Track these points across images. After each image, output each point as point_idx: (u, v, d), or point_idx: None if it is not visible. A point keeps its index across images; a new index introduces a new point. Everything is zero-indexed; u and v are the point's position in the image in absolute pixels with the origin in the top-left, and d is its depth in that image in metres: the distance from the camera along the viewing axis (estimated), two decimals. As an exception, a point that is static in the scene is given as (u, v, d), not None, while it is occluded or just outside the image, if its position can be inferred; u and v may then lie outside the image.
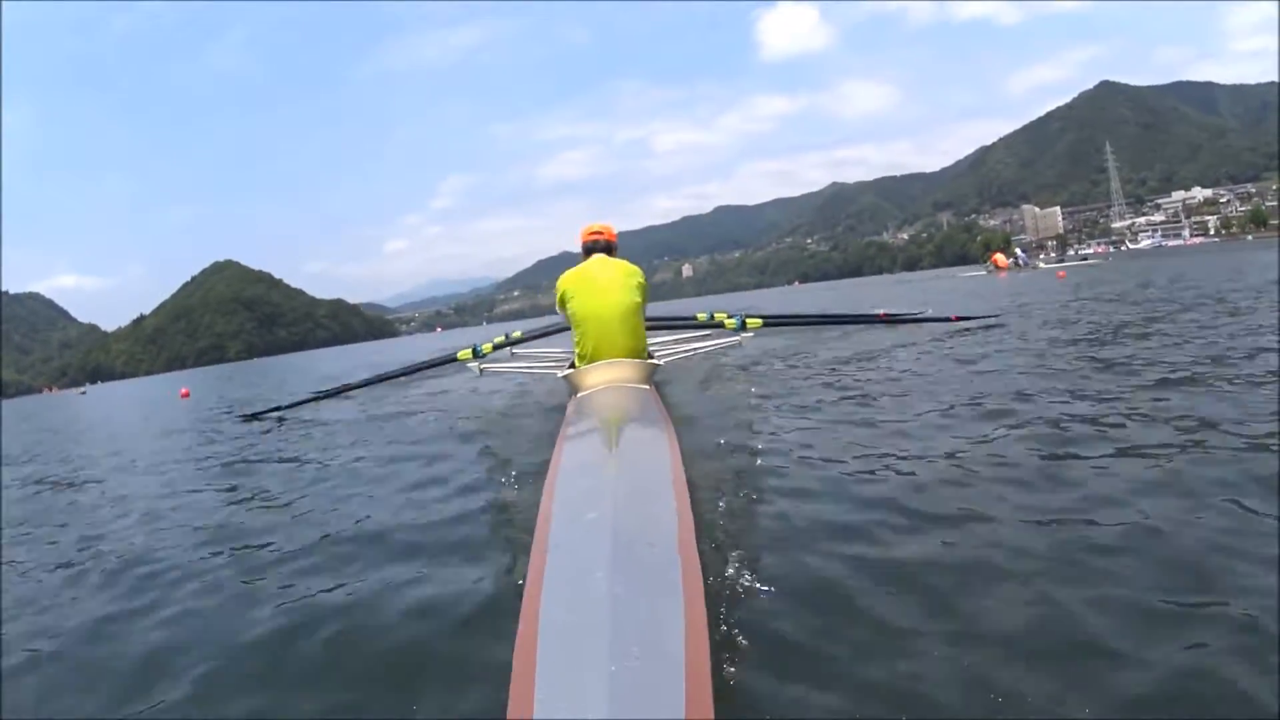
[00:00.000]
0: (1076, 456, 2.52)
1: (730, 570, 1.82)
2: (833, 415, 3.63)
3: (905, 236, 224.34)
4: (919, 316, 8.15)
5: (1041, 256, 40.33)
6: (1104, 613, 1.49)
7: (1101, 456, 2.48)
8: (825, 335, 7.77)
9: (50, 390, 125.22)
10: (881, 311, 8.29)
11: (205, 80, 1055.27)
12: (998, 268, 29.01)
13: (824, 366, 5.49)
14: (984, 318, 7.73)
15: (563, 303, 3.97)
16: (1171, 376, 3.69)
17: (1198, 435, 2.66)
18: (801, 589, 1.71)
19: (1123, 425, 2.91)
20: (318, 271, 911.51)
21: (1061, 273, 21.37)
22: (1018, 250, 36.08)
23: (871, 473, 2.58)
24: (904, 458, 2.73)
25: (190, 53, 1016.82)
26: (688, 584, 1.33)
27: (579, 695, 1.01)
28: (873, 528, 2.05)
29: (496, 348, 5.70)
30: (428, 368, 6.62)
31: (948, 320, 7.67)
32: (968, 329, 7.11)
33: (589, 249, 4.16)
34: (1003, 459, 2.58)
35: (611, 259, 4.07)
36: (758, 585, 1.73)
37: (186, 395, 15.80)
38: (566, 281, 3.97)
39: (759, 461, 2.91)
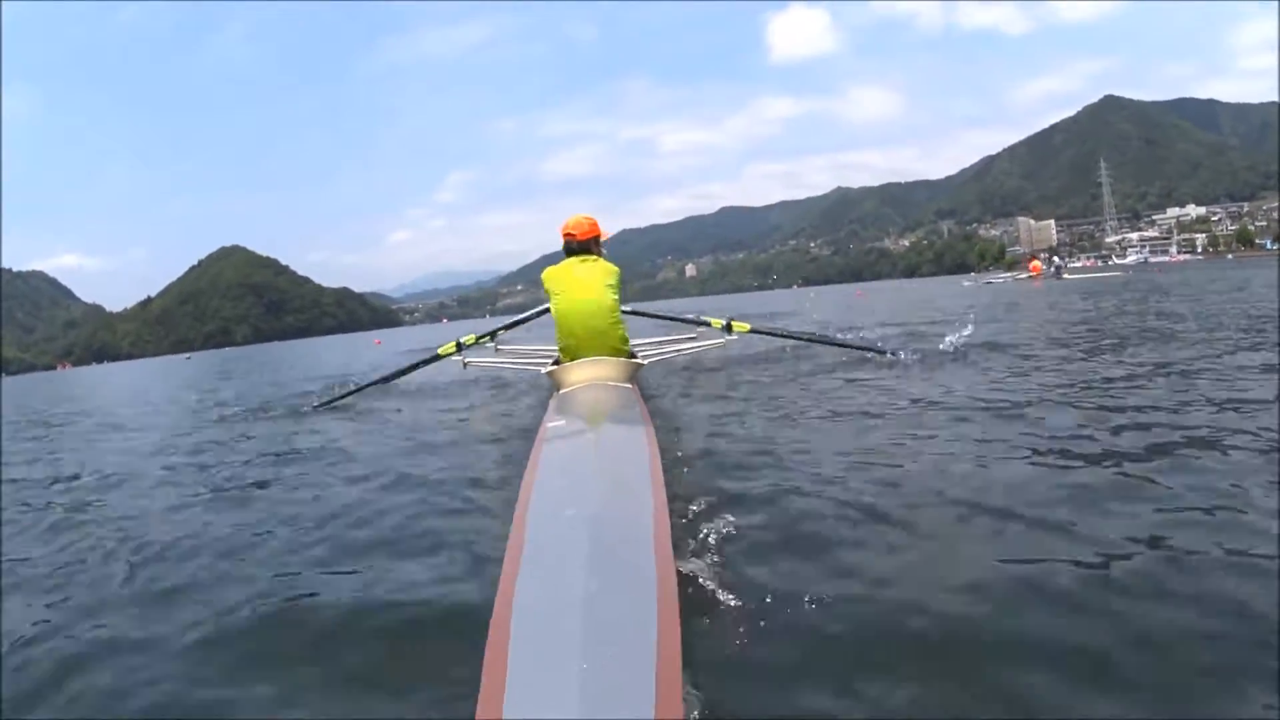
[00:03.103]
0: (1080, 473, 2.44)
1: (705, 570, 1.81)
2: (817, 421, 3.66)
3: (906, 243, 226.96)
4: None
5: (1070, 264, 41.85)
6: (1116, 633, 1.43)
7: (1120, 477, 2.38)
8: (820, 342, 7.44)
9: (64, 367, 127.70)
10: (889, 353, 6.24)
11: (210, 70, 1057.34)
12: (1033, 274, 29.88)
13: (812, 372, 5.53)
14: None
15: (548, 291, 4.11)
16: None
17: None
18: (776, 591, 1.70)
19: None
20: (320, 260, 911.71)
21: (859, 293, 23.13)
22: (1055, 258, 38.03)
23: (854, 478, 2.56)
24: (889, 464, 2.73)
25: (196, 43, 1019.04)
26: (662, 583, 1.32)
27: (549, 694, 1.01)
28: (851, 533, 2.04)
29: (480, 340, 5.60)
30: (418, 366, 6.14)
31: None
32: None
33: (567, 251, 4.16)
34: (995, 470, 2.55)
35: (590, 259, 4.09)
36: (732, 586, 1.72)
37: (379, 344, 17.94)
38: (549, 278, 4.08)
39: (739, 463, 2.90)
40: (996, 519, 2.06)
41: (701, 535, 2.07)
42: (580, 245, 4.14)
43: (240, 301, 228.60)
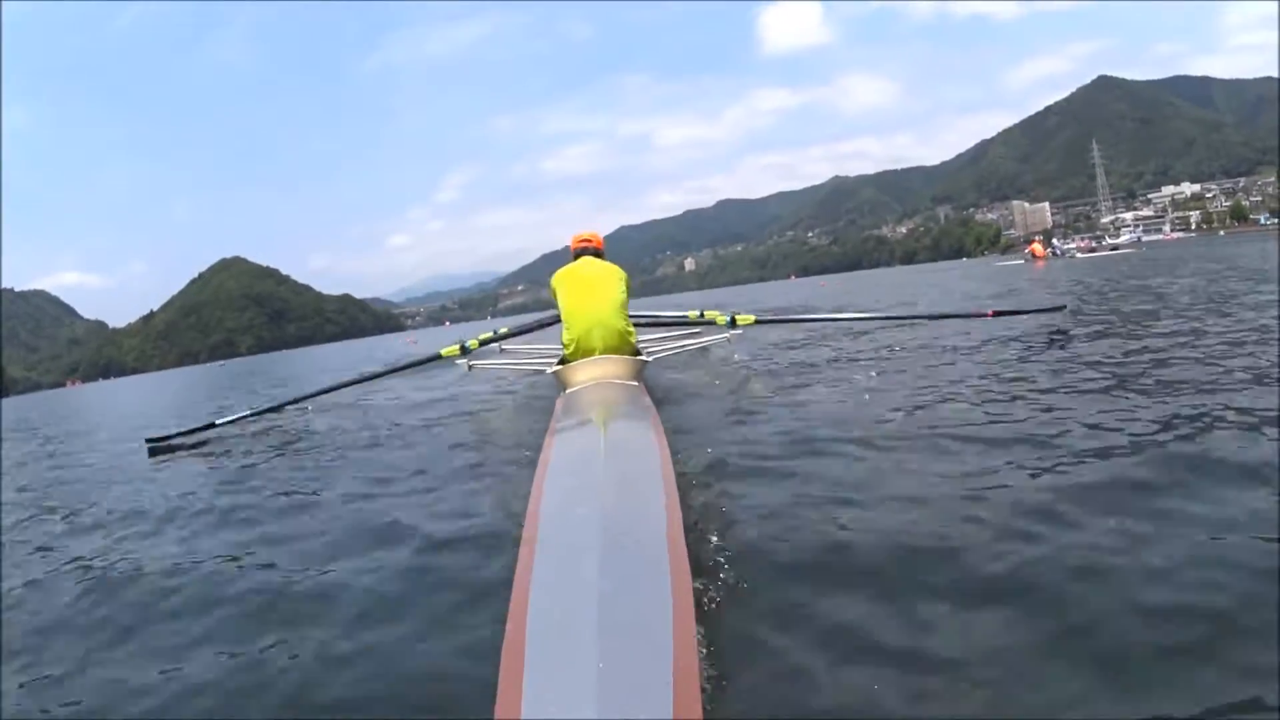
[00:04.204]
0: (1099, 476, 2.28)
1: (718, 567, 1.79)
2: (824, 414, 3.59)
3: (904, 230, 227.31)
4: (944, 313, 7.12)
5: (1075, 246, 42.29)
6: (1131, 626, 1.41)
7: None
8: (824, 332, 7.34)
9: (74, 384, 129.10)
10: (921, 314, 7.19)
11: (207, 75, 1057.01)
12: (1035, 257, 29.12)
13: (819, 365, 5.39)
14: (1040, 310, 6.13)
15: (554, 295, 4.25)
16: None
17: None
18: (789, 587, 1.69)
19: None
20: (321, 267, 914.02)
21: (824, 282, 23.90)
22: (1054, 240, 38.13)
23: (862, 473, 2.52)
24: (897, 457, 2.68)
25: (192, 48, 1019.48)
26: (676, 580, 1.32)
27: (567, 693, 1.01)
28: (862, 528, 2.00)
29: (484, 344, 5.58)
30: (415, 365, 6.08)
31: (982, 316, 6.21)
32: (1013, 325, 6.06)
33: (578, 254, 4.41)
34: (1008, 465, 2.46)
35: (598, 260, 4.32)
36: (745, 583, 1.71)
37: (414, 342, 19.09)
38: (559, 278, 4.24)
39: (748, 459, 2.86)
40: (1035, 521, 1.94)
41: (714, 531, 2.04)
42: (595, 251, 4.47)
43: (243, 313, 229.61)
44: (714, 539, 1.99)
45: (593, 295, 4.06)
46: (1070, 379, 3.77)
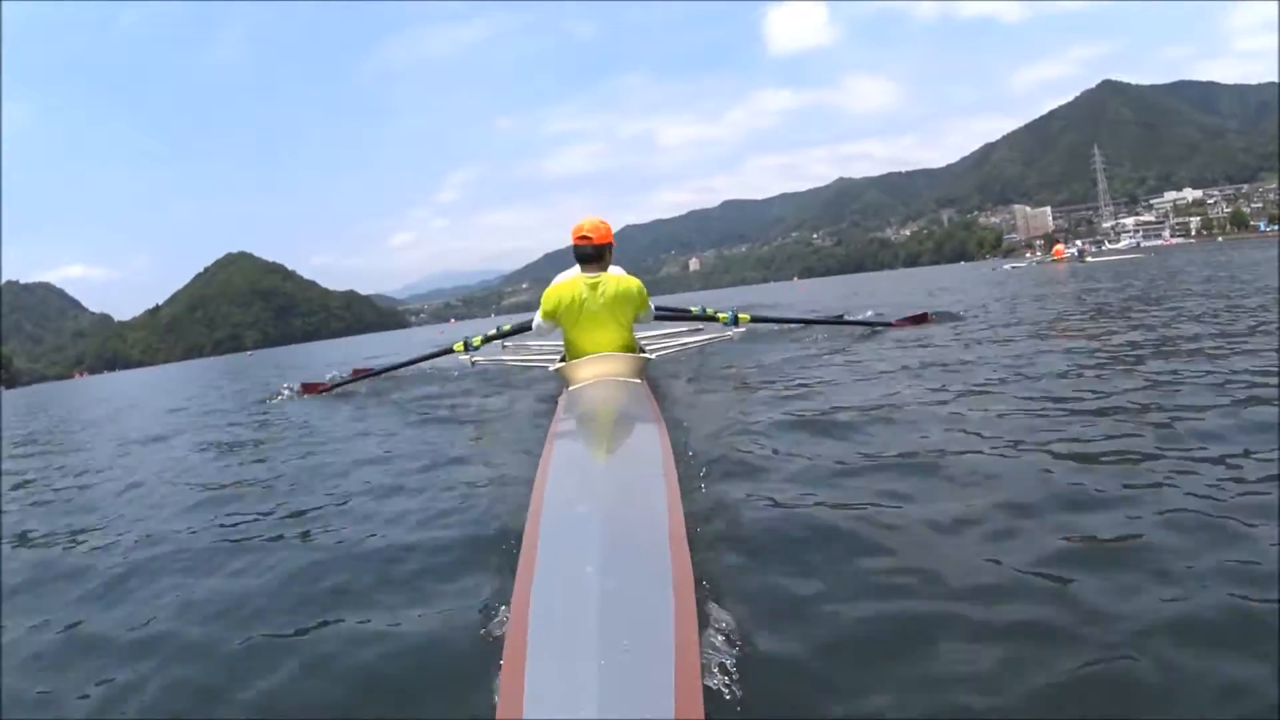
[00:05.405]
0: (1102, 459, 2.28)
1: (720, 565, 1.79)
2: (827, 412, 3.51)
3: (908, 233, 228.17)
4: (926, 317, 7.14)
5: (1088, 249, 43.90)
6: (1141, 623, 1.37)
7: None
8: (828, 330, 7.27)
9: (81, 375, 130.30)
10: (896, 320, 7.15)
11: (210, 74, 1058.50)
12: (1057, 259, 30.64)
13: (822, 363, 5.34)
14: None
15: (549, 316, 3.89)
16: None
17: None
18: (792, 585, 1.68)
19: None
20: (324, 264, 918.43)
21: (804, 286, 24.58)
22: (1078, 242, 39.56)
23: (867, 469, 2.47)
24: (901, 454, 2.62)
25: (195, 47, 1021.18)
26: (678, 578, 1.32)
27: (568, 692, 1.01)
28: (867, 525, 1.99)
29: (487, 340, 5.57)
30: (427, 358, 6.37)
31: (888, 324, 6.82)
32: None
33: (579, 256, 3.88)
34: (1011, 458, 2.42)
35: (605, 274, 3.85)
36: (748, 582, 1.71)
37: (442, 334, 20.06)
38: (554, 300, 3.84)
39: (750, 456, 2.82)
40: (1035, 518, 1.92)
41: (717, 529, 2.05)
42: (595, 250, 3.85)
43: (250, 307, 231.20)
44: (716, 538, 1.99)
45: (594, 334, 3.87)
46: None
